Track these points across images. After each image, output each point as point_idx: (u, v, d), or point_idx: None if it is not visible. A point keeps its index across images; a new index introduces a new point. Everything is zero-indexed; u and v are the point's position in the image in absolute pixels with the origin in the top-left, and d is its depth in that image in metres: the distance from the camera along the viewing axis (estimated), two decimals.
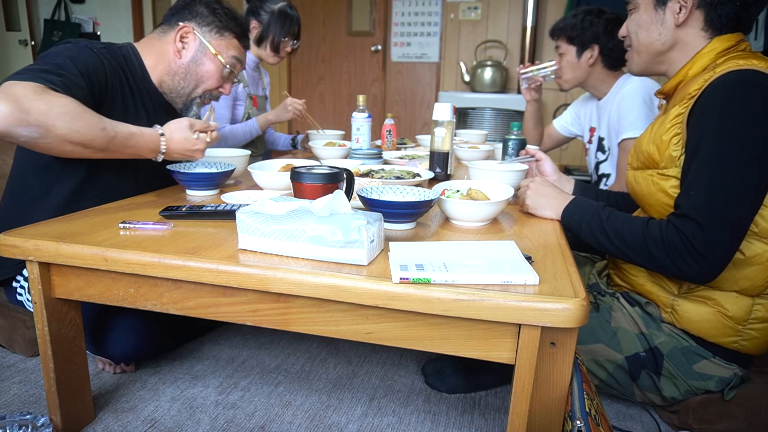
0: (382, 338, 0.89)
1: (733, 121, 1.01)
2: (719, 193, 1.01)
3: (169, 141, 1.21)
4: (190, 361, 1.48)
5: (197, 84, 1.44)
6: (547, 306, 0.78)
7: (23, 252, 0.97)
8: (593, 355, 1.24)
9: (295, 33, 2.27)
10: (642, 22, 1.22)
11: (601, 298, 1.30)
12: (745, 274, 1.10)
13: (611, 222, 1.12)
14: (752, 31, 3.13)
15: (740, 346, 1.16)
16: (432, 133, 1.58)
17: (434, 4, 4.03)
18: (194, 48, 1.41)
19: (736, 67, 1.04)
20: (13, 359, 1.45)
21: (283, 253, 0.92)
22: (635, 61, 1.28)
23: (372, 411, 1.29)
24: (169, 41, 1.41)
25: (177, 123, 1.23)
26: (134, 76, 1.39)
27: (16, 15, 4.47)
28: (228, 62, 1.44)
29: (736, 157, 1.01)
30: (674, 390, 1.21)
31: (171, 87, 1.44)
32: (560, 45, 1.96)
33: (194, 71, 1.42)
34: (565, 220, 1.20)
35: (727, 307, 1.14)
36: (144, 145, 1.19)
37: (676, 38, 1.18)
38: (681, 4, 1.15)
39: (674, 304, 1.19)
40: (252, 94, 2.33)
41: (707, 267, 1.02)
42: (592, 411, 0.86)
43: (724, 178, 1.01)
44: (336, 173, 1.10)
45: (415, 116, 4.31)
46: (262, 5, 2.23)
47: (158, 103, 1.45)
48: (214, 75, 1.44)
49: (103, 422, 1.20)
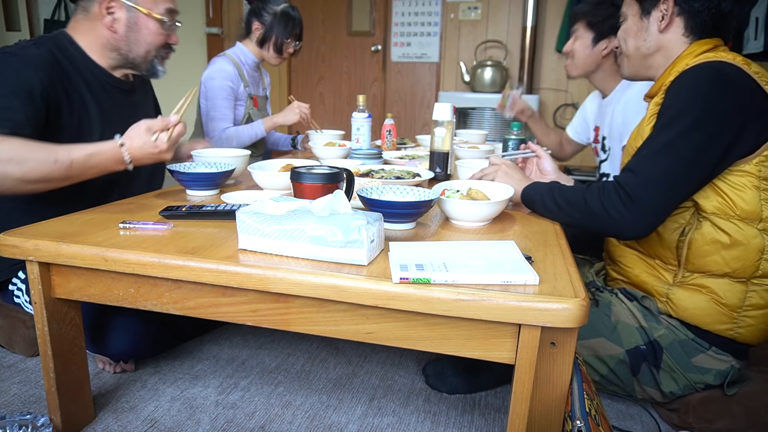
0: (382, 338, 0.89)
1: (689, 95, 1.10)
2: (662, 151, 1.09)
3: (130, 149, 1.16)
4: (190, 361, 1.48)
5: (146, 47, 1.40)
6: (547, 306, 0.78)
7: (23, 252, 0.97)
8: (594, 351, 1.25)
9: (297, 34, 2.28)
10: (630, 30, 1.32)
11: (600, 294, 1.31)
12: (734, 255, 1.14)
13: (561, 192, 1.20)
14: (752, 32, 3.13)
15: (736, 334, 1.18)
16: (432, 133, 1.58)
17: (434, 4, 4.03)
18: (125, 16, 1.35)
19: (704, 60, 1.15)
20: (13, 359, 1.45)
21: (283, 253, 0.92)
22: (625, 66, 1.37)
23: (372, 411, 1.29)
24: (96, 17, 1.35)
25: (134, 128, 1.18)
26: (75, 62, 1.35)
27: (16, 15, 4.47)
28: (163, 16, 1.38)
29: (685, 122, 1.08)
30: (673, 384, 1.22)
31: (122, 60, 1.40)
32: (578, 29, 1.93)
33: (135, 38, 1.38)
34: (524, 198, 1.28)
35: (721, 294, 1.17)
36: (107, 161, 1.15)
37: (659, 43, 1.26)
38: (663, 12, 1.23)
39: (669, 293, 1.22)
40: (253, 94, 2.33)
41: (635, 214, 1.08)
42: (592, 411, 0.86)
43: (671, 140, 1.09)
44: (336, 173, 1.10)
45: (415, 116, 4.31)
46: (265, 7, 2.23)
47: (108, 83, 1.42)
48: (157, 33, 1.39)
49: (103, 422, 1.20)
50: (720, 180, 1.13)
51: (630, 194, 1.07)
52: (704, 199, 1.14)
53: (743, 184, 1.11)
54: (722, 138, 1.07)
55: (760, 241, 1.13)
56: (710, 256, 1.16)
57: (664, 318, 1.24)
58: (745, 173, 1.11)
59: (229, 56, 2.27)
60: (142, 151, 1.17)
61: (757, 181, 1.11)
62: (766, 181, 1.11)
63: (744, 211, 1.12)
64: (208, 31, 4.33)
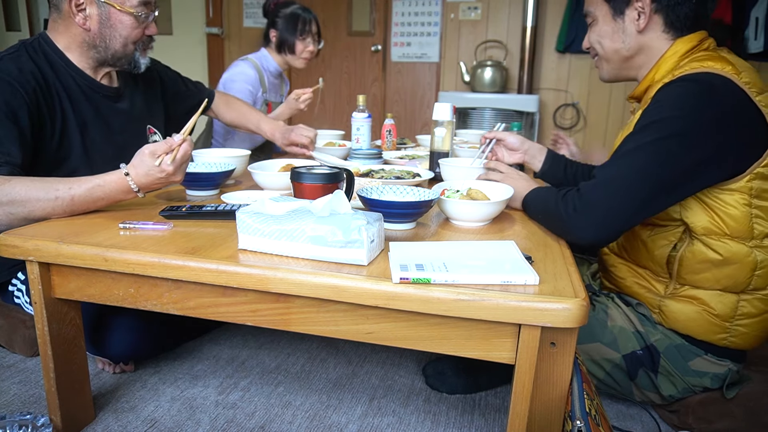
0: (382, 338, 0.89)
1: (671, 107, 1.05)
2: (624, 156, 1.06)
3: (136, 178, 1.09)
4: (190, 361, 1.48)
5: (123, 42, 1.35)
6: (547, 306, 0.78)
7: (23, 252, 0.97)
8: (591, 355, 1.24)
9: (310, 32, 2.28)
10: (604, 32, 1.25)
11: (596, 298, 1.30)
12: (726, 273, 1.12)
13: (546, 198, 1.16)
14: (752, 31, 3.13)
15: (730, 343, 1.17)
16: (432, 133, 1.58)
17: (434, 4, 4.03)
18: (96, 12, 1.30)
19: (692, 71, 1.09)
20: (13, 359, 1.45)
21: (283, 253, 0.92)
22: (605, 69, 1.30)
23: (372, 411, 1.29)
24: (67, 15, 1.30)
25: (138, 155, 1.09)
26: (55, 67, 1.32)
27: (16, 15, 4.47)
28: (135, 10, 1.32)
29: (657, 131, 1.04)
30: (672, 388, 1.22)
31: (101, 58, 1.36)
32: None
33: (110, 34, 1.33)
34: (523, 205, 1.26)
35: (712, 306, 1.15)
36: (114, 192, 1.10)
37: (640, 44, 1.20)
38: (639, 11, 1.18)
39: (661, 305, 1.21)
40: (268, 100, 2.34)
41: (585, 217, 1.04)
42: (592, 411, 0.86)
43: (636, 147, 1.05)
44: (336, 173, 1.10)
45: (415, 116, 4.31)
46: (277, 13, 2.27)
47: (90, 88, 1.38)
48: (132, 26, 1.34)
49: (103, 422, 1.20)
50: (709, 198, 1.09)
51: (585, 199, 1.05)
52: (694, 218, 1.11)
53: (734, 202, 1.08)
54: (695, 152, 1.02)
55: (752, 259, 1.10)
56: (701, 273, 1.14)
57: (658, 325, 1.22)
58: (735, 191, 1.07)
59: (251, 60, 2.29)
60: (149, 177, 1.09)
61: (748, 198, 1.07)
62: (757, 198, 1.08)
63: (735, 229, 1.09)
64: (208, 31, 4.33)
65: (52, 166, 1.30)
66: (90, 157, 1.37)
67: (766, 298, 1.14)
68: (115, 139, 1.43)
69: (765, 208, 1.09)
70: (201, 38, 4.37)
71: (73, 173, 1.27)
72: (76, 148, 1.35)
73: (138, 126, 1.54)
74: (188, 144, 1.10)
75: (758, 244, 1.10)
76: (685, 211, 1.12)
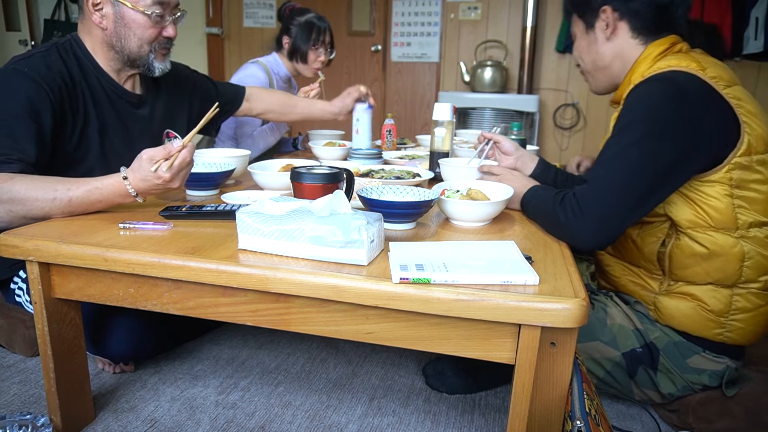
0: (382, 338, 0.89)
1: (641, 107, 1.09)
2: (611, 160, 1.09)
3: (133, 182, 1.07)
4: (190, 361, 1.48)
5: (137, 42, 1.35)
6: (547, 306, 0.78)
7: (23, 252, 0.97)
8: (590, 353, 1.25)
9: (323, 41, 2.28)
10: (582, 47, 1.32)
11: (596, 297, 1.31)
12: (715, 266, 1.13)
13: (544, 199, 1.18)
14: (752, 31, 3.13)
15: (726, 338, 1.18)
16: (432, 133, 1.58)
17: (434, 4, 4.03)
18: (111, 11, 1.31)
19: (658, 71, 1.13)
20: (13, 359, 1.45)
21: (283, 253, 0.92)
22: (591, 82, 1.37)
23: (372, 411, 1.29)
24: (88, 15, 1.32)
25: (137, 160, 1.07)
26: (84, 69, 1.34)
27: (16, 15, 4.47)
28: (149, 10, 1.32)
29: (635, 133, 1.07)
30: (671, 386, 1.22)
31: (120, 59, 1.37)
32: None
33: (125, 33, 1.33)
34: (521, 204, 1.26)
35: (706, 301, 1.16)
36: (111, 196, 1.09)
37: (613, 52, 1.25)
38: (605, 21, 1.23)
39: (656, 302, 1.22)
40: None
41: (584, 224, 1.06)
42: (592, 411, 0.86)
43: (620, 150, 1.08)
44: (336, 173, 1.10)
45: (415, 116, 4.31)
46: (291, 21, 2.27)
47: (115, 93, 1.39)
48: (146, 26, 1.34)
49: (103, 422, 1.20)
50: (691, 191, 1.11)
51: (581, 204, 1.06)
52: (678, 212, 1.13)
53: (715, 193, 1.10)
54: (672, 150, 1.05)
55: (739, 250, 1.11)
56: (691, 267, 1.15)
57: (656, 322, 1.23)
58: (716, 182, 1.09)
59: (262, 64, 2.29)
60: (146, 182, 1.07)
61: (729, 189, 1.09)
62: (738, 189, 1.10)
63: (719, 221, 1.11)
64: (208, 31, 4.33)
65: (68, 164, 1.32)
66: (107, 158, 1.38)
67: (760, 292, 1.15)
68: (133, 143, 1.45)
69: (747, 198, 1.11)
70: (201, 38, 4.37)
71: (89, 173, 1.27)
72: (94, 149, 1.36)
73: (158, 132, 1.56)
74: (188, 151, 1.07)
75: (744, 234, 1.12)
76: (669, 206, 1.14)
